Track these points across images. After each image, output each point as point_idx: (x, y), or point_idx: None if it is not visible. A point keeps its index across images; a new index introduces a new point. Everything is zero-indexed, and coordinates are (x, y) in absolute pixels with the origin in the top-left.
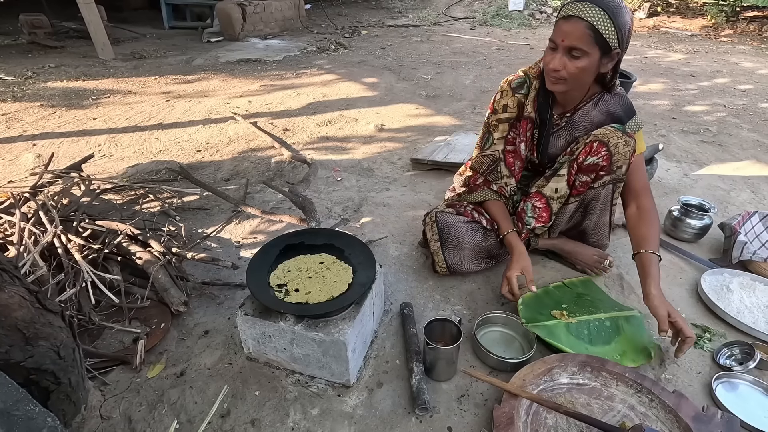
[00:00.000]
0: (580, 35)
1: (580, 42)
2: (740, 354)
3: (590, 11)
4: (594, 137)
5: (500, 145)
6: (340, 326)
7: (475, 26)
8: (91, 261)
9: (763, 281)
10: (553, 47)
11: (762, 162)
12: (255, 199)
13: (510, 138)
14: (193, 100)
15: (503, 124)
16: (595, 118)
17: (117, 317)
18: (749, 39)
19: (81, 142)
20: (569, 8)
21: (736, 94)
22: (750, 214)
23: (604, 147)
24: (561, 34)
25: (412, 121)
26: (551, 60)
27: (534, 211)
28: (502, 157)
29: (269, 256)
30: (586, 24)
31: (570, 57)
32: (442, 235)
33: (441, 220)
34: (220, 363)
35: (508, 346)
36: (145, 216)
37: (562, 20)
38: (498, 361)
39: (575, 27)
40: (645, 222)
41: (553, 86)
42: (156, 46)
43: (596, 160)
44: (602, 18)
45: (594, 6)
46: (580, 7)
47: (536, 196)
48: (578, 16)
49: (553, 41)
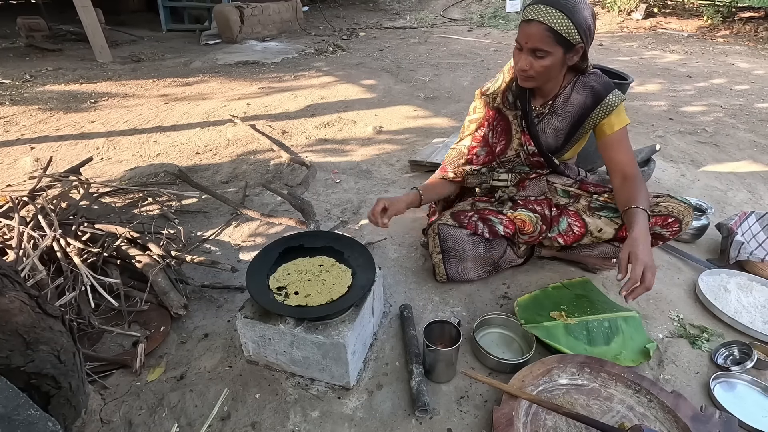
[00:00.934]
0: (540, 37)
1: (541, 44)
2: (738, 354)
3: (547, 14)
4: (670, 213)
5: (467, 141)
6: (340, 329)
7: (473, 28)
8: (90, 265)
9: (760, 281)
10: (519, 48)
11: (759, 162)
12: (254, 202)
13: (477, 137)
14: (191, 103)
15: (472, 124)
16: (577, 99)
17: (117, 321)
18: (745, 39)
19: (79, 146)
20: (529, 12)
21: (732, 95)
22: (747, 215)
23: (678, 224)
24: (524, 37)
25: (410, 123)
26: (518, 60)
27: (567, 229)
28: (465, 152)
29: (269, 258)
30: (545, 27)
31: (535, 57)
32: (444, 248)
33: (443, 233)
34: (220, 366)
35: (508, 348)
36: (144, 219)
37: (524, 23)
38: (497, 363)
39: (535, 30)
40: (631, 185)
41: (524, 83)
42: (154, 48)
43: (664, 232)
44: (559, 19)
45: (550, 8)
46: (537, 10)
47: (577, 221)
48: (537, 19)
49: (519, 42)
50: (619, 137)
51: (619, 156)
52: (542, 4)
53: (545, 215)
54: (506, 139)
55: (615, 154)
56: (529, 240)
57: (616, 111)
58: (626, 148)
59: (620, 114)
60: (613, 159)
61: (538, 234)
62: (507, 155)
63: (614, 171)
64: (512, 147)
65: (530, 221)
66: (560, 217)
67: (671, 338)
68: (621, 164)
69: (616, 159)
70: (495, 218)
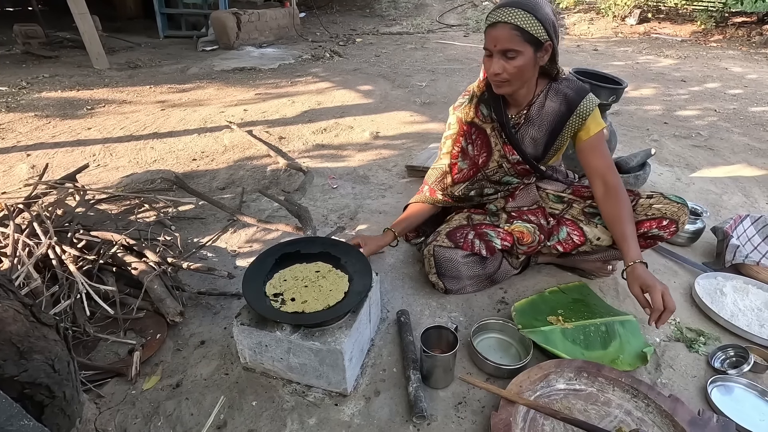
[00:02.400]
0: (508, 37)
1: (510, 43)
2: (735, 357)
3: (512, 14)
4: (664, 215)
5: (446, 159)
6: (337, 335)
7: (469, 33)
8: (85, 272)
9: (756, 284)
10: (489, 54)
11: (753, 165)
12: (251, 208)
13: (455, 153)
14: (188, 109)
15: (448, 141)
16: (551, 107)
17: (112, 328)
18: (738, 44)
19: (75, 153)
20: (493, 16)
21: (726, 99)
22: (742, 218)
23: (674, 225)
24: (492, 41)
25: (407, 128)
26: (490, 65)
27: (567, 238)
28: (448, 170)
29: (265, 265)
30: (512, 26)
31: (506, 59)
32: (439, 270)
33: (438, 255)
34: (216, 373)
35: (505, 353)
36: (141, 226)
37: (490, 28)
38: (495, 368)
39: (502, 31)
40: (614, 201)
41: (500, 89)
42: (151, 55)
43: (662, 233)
44: (524, 17)
45: (513, 8)
46: (502, 12)
47: (576, 230)
48: (502, 20)
49: (487, 48)
50: (595, 141)
51: (596, 161)
52: (504, 7)
53: (542, 225)
54: (487, 152)
55: (592, 158)
56: (528, 251)
57: (592, 115)
58: (604, 153)
59: (596, 118)
60: (591, 164)
61: (537, 244)
62: (489, 167)
63: (594, 177)
64: (494, 159)
65: (528, 232)
66: (559, 227)
67: (668, 342)
68: (600, 169)
69: (594, 164)
70: (492, 231)
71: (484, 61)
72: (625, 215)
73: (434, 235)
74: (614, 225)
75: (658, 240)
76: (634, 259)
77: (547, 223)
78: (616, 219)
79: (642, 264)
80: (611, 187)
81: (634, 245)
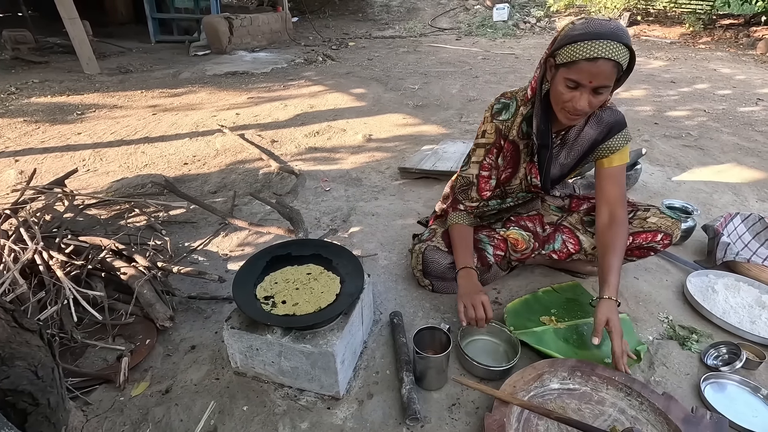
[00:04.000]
0: (608, 75)
1: (608, 81)
2: (727, 354)
3: (616, 50)
4: (659, 228)
5: (474, 170)
6: (329, 337)
7: (461, 37)
8: (73, 277)
9: (747, 281)
10: (574, 86)
11: (742, 165)
12: (242, 211)
13: (485, 164)
14: (180, 114)
15: (480, 150)
16: (588, 134)
17: (101, 334)
18: (726, 46)
19: (65, 158)
20: (596, 50)
21: (715, 99)
22: (732, 216)
23: (669, 238)
24: (588, 76)
25: (399, 131)
26: (575, 100)
27: (561, 247)
28: (475, 182)
29: (256, 268)
30: (614, 63)
31: (594, 95)
32: (425, 269)
33: (428, 257)
34: (206, 378)
35: (494, 354)
36: (131, 230)
37: (588, 62)
38: (484, 370)
39: (605, 68)
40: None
41: (573, 121)
42: (142, 60)
43: (656, 245)
44: (624, 53)
45: (617, 43)
46: (606, 47)
47: (572, 237)
48: (606, 57)
49: (576, 81)
50: (615, 172)
51: (610, 189)
52: (606, 40)
53: (537, 233)
54: (513, 168)
55: (608, 186)
56: (522, 258)
57: (621, 149)
58: (620, 183)
59: (624, 152)
60: (605, 191)
61: (530, 252)
62: (512, 184)
63: (602, 203)
64: (518, 176)
65: (523, 240)
66: (555, 235)
67: (661, 340)
68: (611, 198)
69: (607, 192)
70: (486, 238)
71: (562, 90)
72: (618, 248)
73: (430, 232)
74: (605, 254)
75: (651, 251)
76: (611, 295)
77: (543, 231)
78: (610, 249)
79: (614, 302)
80: (617, 220)
81: (615, 281)
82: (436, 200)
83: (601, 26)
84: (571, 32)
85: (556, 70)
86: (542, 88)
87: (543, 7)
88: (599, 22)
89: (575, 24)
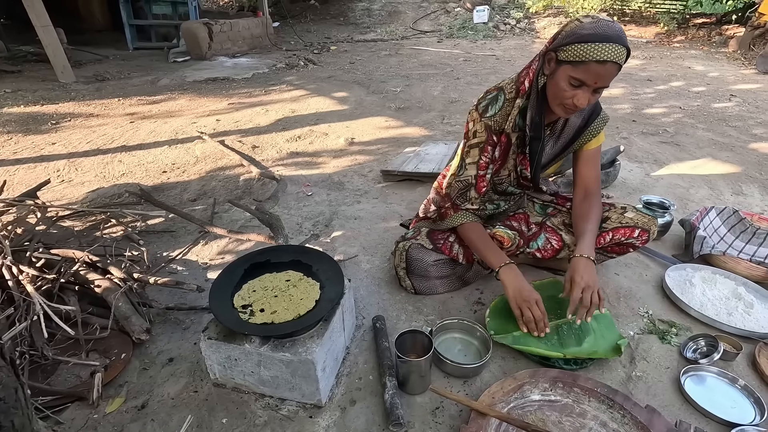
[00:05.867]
0: (612, 76)
1: (610, 81)
2: (705, 347)
3: (622, 54)
4: (636, 224)
5: (473, 171)
6: (308, 345)
7: (442, 39)
8: (45, 292)
9: (723, 274)
10: (577, 85)
11: (717, 159)
12: (223, 219)
13: (482, 163)
14: (158, 121)
15: (474, 150)
16: (573, 122)
17: (74, 350)
18: (700, 44)
19: (38, 168)
20: (604, 53)
21: (690, 96)
22: (707, 210)
23: (646, 234)
24: (595, 77)
25: (382, 134)
26: (577, 98)
27: (545, 244)
28: (474, 182)
29: (234, 276)
30: (618, 66)
31: (593, 93)
32: (408, 267)
33: (411, 255)
34: (184, 392)
35: (467, 351)
36: (106, 242)
37: (597, 64)
38: (456, 367)
39: (611, 70)
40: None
41: (567, 115)
42: (120, 67)
43: (635, 242)
44: (624, 56)
45: (622, 47)
46: (613, 51)
47: (554, 235)
48: (613, 60)
49: (581, 80)
50: (593, 154)
51: (587, 170)
52: (614, 44)
53: (522, 231)
54: (503, 159)
55: (584, 168)
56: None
57: (599, 133)
58: (596, 165)
59: (600, 135)
60: (582, 173)
61: (515, 248)
62: (501, 175)
63: (579, 185)
64: (507, 167)
65: (509, 238)
66: (539, 233)
67: (641, 334)
68: (587, 179)
69: (584, 173)
70: None
71: (564, 86)
72: (592, 216)
73: (415, 230)
74: (579, 221)
75: (631, 247)
76: (583, 252)
77: (528, 230)
78: (584, 217)
79: (587, 259)
80: (591, 194)
81: (590, 242)
82: (419, 202)
83: (609, 28)
84: (580, 30)
85: (557, 66)
86: (538, 81)
87: (522, 8)
88: (607, 24)
89: (583, 22)
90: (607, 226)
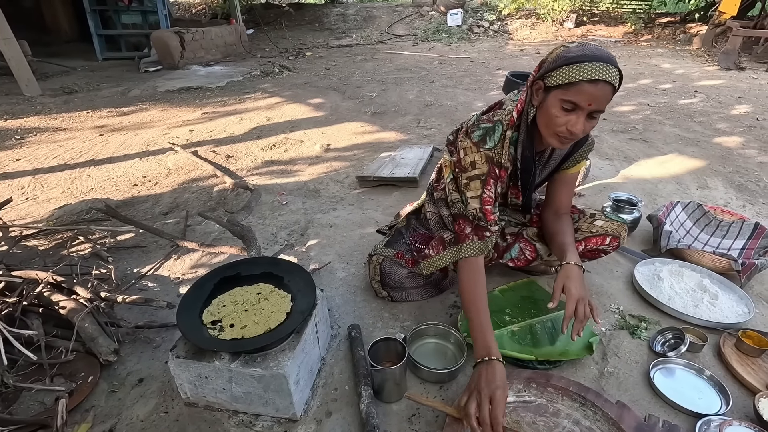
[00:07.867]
0: (606, 98)
1: (604, 105)
2: (672, 339)
3: (614, 74)
4: (607, 232)
5: (476, 204)
6: (279, 359)
7: (418, 42)
8: (6, 316)
9: (689, 267)
10: (570, 109)
11: (684, 154)
12: (196, 231)
13: (486, 197)
14: (129, 133)
15: (475, 182)
16: (562, 150)
17: (38, 375)
18: (665, 43)
19: (1, 187)
20: (597, 72)
21: (657, 94)
22: (673, 205)
23: (617, 240)
24: (588, 98)
25: (358, 139)
26: (571, 124)
27: (519, 254)
28: (481, 215)
29: (203, 291)
30: (612, 87)
31: (589, 119)
32: (383, 280)
33: (385, 269)
34: (154, 413)
35: (441, 356)
36: (73, 260)
37: (589, 84)
38: (430, 373)
39: (605, 91)
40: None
41: (563, 146)
42: (88, 79)
43: (606, 248)
44: (618, 77)
45: (613, 67)
46: (605, 70)
47: (528, 246)
48: (606, 80)
49: (574, 103)
50: (571, 178)
51: (562, 194)
52: (605, 63)
53: (498, 244)
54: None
55: (560, 190)
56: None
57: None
58: (572, 188)
59: (583, 162)
60: (556, 195)
61: (489, 260)
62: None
63: (550, 206)
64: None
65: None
66: (514, 244)
67: (613, 330)
68: (560, 203)
69: (558, 196)
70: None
71: (556, 113)
72: (567, 231)
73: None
74: (556, 237)
75: (602, 253)
76: (569, 260)
77: (504, 241)
78: (560, 233)
79: (578, 267)
80: (562, 214)
81: (575, 253)
82: (395, 207)
83: (597, 50)
84: (567, 54)
85: (546, 94)
86: (527, 112)
87: (495, 11)
88: (595, 47)
89: (569, 47)
90: (579, 236)
